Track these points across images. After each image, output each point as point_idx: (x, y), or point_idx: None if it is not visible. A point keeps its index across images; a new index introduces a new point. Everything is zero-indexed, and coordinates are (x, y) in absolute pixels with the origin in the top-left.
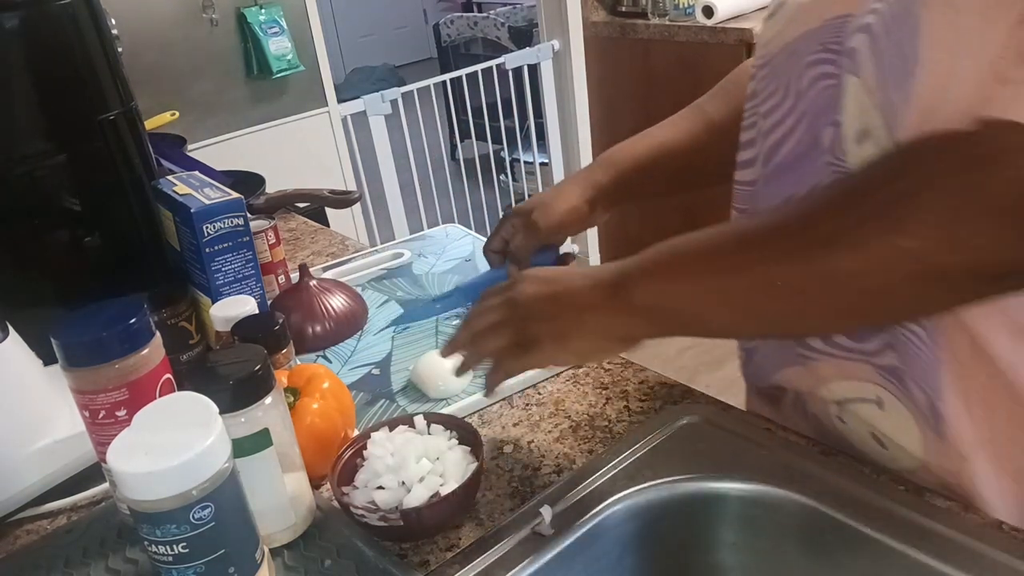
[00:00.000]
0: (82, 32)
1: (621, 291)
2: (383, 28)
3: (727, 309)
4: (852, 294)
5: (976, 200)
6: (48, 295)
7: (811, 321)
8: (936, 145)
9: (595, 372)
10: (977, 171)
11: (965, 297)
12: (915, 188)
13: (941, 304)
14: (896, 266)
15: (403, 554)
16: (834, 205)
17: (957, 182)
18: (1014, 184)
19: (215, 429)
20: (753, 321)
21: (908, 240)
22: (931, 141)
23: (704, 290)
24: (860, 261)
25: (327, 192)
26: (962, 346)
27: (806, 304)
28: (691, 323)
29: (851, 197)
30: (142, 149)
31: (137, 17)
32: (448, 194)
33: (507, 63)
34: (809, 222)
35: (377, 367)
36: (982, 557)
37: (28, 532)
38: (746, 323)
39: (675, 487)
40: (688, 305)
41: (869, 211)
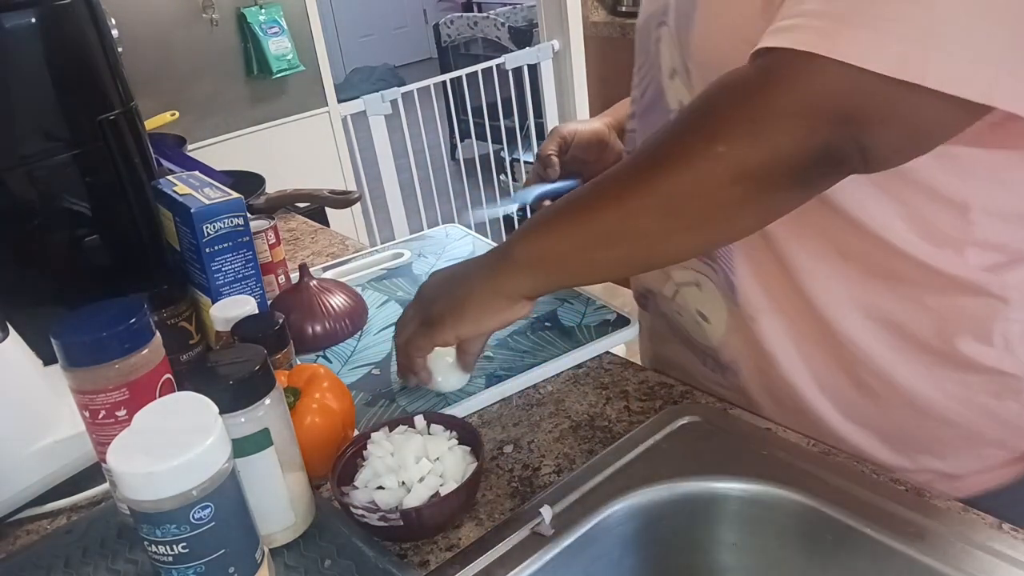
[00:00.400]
0: (82, 32)
1: (505, 253)
2: (383, 28)
3: (595, 252)
4: (690, 209)
5: (767, 107)
6: (48, 295)
7: (664, 247)
8: (730, 79)
9: (595, 372)
10: (765, 86)
11: (778, 197)
12: (721, 108)
13: (760, 207)
14: (716, 172)
15: (403, 554)
16: (661, 137)
17: (752, 97)
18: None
19: (215, 429)
20: (619, 259)
21: (720, 145)
22: (727, 77)
23: (572, 238)
24: (688, 174)
25: (327, 192)
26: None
27: (656, 231)
28: (568, 271)
29: (673, 127)
30: (142, 149)
31: (137, 17)
32: (448, 194)
33: (507, 63)
34: (643, 155)
35: (377, 367)
36: (982, 557)
37: (28, 532)
38: (614, 262)
39: (675, 487)
40: (562, 254)
41: (688, 132)
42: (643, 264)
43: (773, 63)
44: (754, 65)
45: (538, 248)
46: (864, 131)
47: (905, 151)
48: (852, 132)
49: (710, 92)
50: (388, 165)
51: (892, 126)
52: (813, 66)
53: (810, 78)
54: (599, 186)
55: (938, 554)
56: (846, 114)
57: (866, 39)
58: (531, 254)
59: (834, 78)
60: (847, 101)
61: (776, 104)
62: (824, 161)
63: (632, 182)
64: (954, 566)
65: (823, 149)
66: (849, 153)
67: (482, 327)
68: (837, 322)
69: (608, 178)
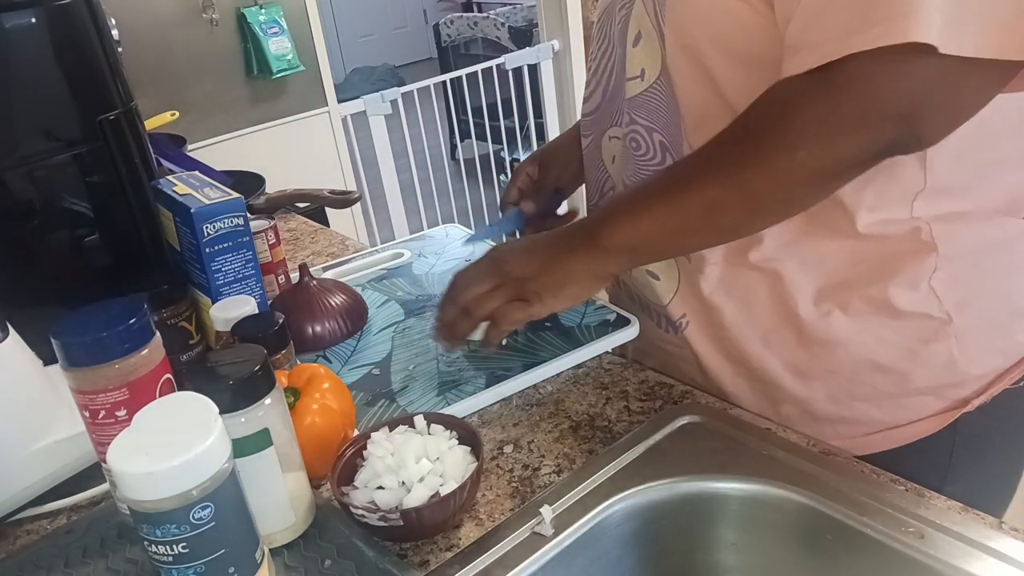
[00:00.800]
0: (82, 32)
1: (593, 238)
2: (383, 28)
3: (681, 239)
4: (770, 204)
5: (841, 120)
6: (48, 295)
7: (740, 232)
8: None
9: (595, 372)
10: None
11: (839, 185)
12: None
13: (824, 194)
14: (796, 174)
15: (403, 554)
16: (739, 136)
17: (827, 110)
18: (859, 100)
19: (215, 429)
20: (701, 243)
21: (800, 152)
22: (791, 85)
23: (660, 228)
24: (771, 176)
25: (327, 192)
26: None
27: (737, 222)
28: (656, 250)
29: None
30: (142, 149)
31: (137, 17)
32: (448, 194)
33: (507, 63)
34: (723, 152)
35: (377, 367)
36: (982, 557)
37: (28, 532)
38: (696, 246)
39: (675, 487)
40: (650, 236)
41: (767, 138)
42: (715, 244)
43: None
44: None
45: (627, 236)
46: (922, 123)
47: (951, 128)
48: (912, 126)
49: (780, 98)
50: (388, 165)
51: (945, 109)
52: (876, 69)
53: (872, 83)
54: (682, 179)
55: (938, 554)
56: (907, 112)
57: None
58: (621, 242)
59: (894, 79)
60: (907, 99)
61: (849, 113)
62: (885, 154)
63: (716, 179)
64: (954, 566)
65: (888, 146)
66: (907, 144)
67: (574, 302)
68: (779, 271)
69: (687, 172)
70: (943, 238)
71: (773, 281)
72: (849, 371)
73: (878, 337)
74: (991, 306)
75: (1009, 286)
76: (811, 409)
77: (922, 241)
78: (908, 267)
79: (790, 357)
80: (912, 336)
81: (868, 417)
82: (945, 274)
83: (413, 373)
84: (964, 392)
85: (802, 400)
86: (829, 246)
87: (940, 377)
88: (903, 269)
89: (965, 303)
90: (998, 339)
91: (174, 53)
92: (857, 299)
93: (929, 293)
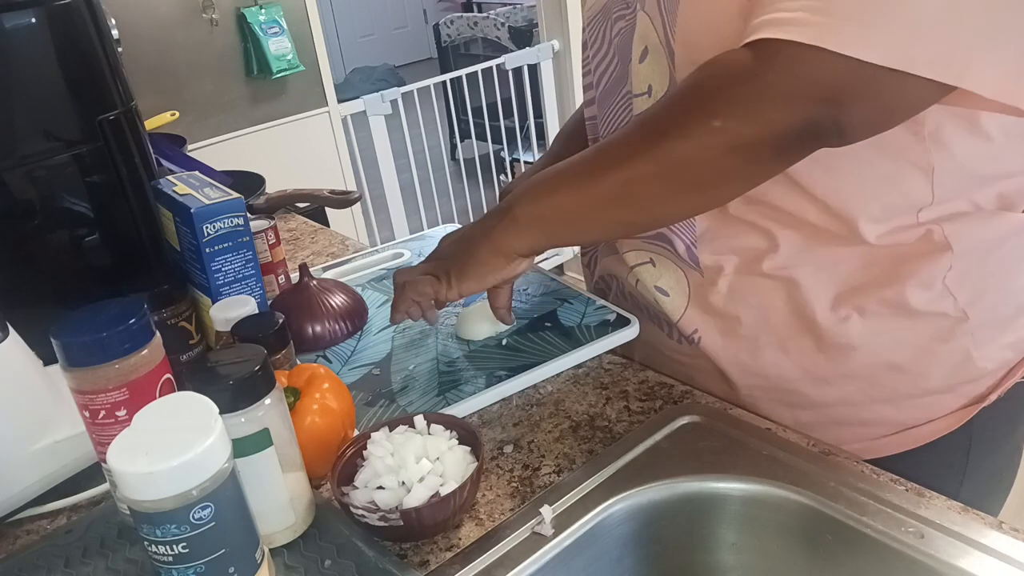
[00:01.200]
0: (82, 32)
1: (506, 211)
2: (383, 28)
3: (595, 213)
4: (686, 176)
5: (762, 90)
6: (48, 295)
7: (658, 210)
8: (727, 61)
9: (595, 372)
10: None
11: (760, 169)
12: (720, 88)
13: (745, 178)
14: (713, 143)
15: (403, 554)
16: (661, 108)
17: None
18: (786, 77)
19: (215, 429)
20: (618, 220)
21: (718, 120)
22: (721, 60)
23: (574, 199)
24: (688, 145)
25: (327, 192)
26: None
27: (654, 195)
28: (568, 230)
29: (673, 100)
30: (142, 149)
31: (137, 17)
32: (448, 194)
33: (507, 63)
34: (645, 125)
35: (377, 367)
36: (982, 556)
37: (28, 532)
38: (612, 223)
39: (675, 487)
40: (563, 214)
41: (688, 107)
42: (640, 225)
43: (770, 51)
44: (751, 50)
45: (539, 208)
46: (844, 110)
47: (875, 126)
48: (833, 111)
49: (707, 71)
50: (388, 165)
51: (869, 106)
52: (808, 55)
53: (803, 65)
54: (602, 152)
55: (938, 554)
56: (831, 96)
57: (858, 33)
58: (532, 213)
59: (825, 66)
60: (834, 85)
61: (771, 87)
62: (805, 136)
63: (633, 149)
64: (954, 566)
65: (806, 126)
66: (828, 129)
67: (484, 284)
68: (795, 279)
69: (610, 144)
70: (955, 236)
71: (790, 289)
72: (867, 374)
73: (895, 338)
74: (999, 301)
75: (1014, 280)
76: (829, 414)
77: (935, 242)
78: (923, 267)
79: (808, 363)
80: (928, 335)
81: (886, 418)
82: (958, 272)
83: (413, 373)
84: (979, 388)
85: (820, 405)
86: (843, 252)
87: (957, 375)
88: (918, 270)
89: (977, 299)
90: (1008, 333)
91: (174, 53)
92: (874, 302)
93: (944, 292)
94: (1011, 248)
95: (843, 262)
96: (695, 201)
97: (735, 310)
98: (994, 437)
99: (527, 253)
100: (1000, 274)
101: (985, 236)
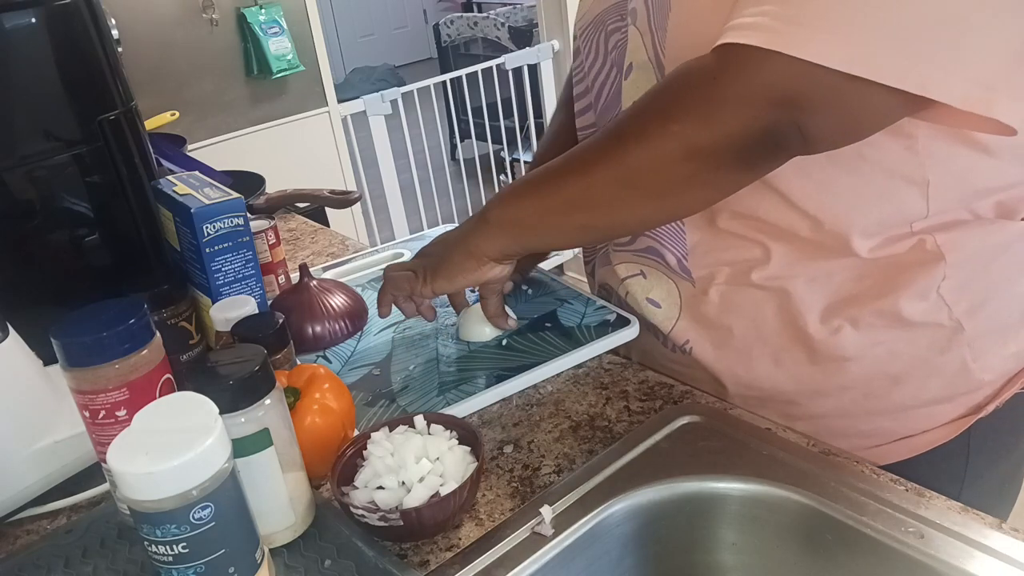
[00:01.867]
0: (82, 32)
1: (482, 215)
2: (383, 28)
3: (559, 218)
4: (645, 182)
5: (719, 93)
6: (48, 295)
7: (620, 216)
8: (689, 66)
9: (595, 372)
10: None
11: (723, 177)
12: (677, 92)
13: (707, 185)
14: (669, 148)
15: (403, 554)
16: (623, 116)
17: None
18: (743, 81)
19: (215, 429)
20: (581, 225)
21: (675, 124)
22: (685, 65)
23: (540, 204)
24: (644, 150)
25: (327, 192)
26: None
27: (614, 201)
28: (535, 234)
29: (634, 107)
30: (142, 149)
31: (137, 17)
32: (448, 194)
33: (507, 63)
34: (606, 132)
35: (377, 367)
36: (982, 557)
37: (28, 532)
38: (577, 228)
39: (675, 487)
40: (531, 218)
41: (646, 112)
42: (603, 231)
43: (729, 55)
44: (712, 55)
45: (509, 212)
46: (805, 116)
47: (842, 135)
48: (793, 116)
49: (669, 77)
50: (388, 165)
51: (832, 113)
52: (765, 59)
53: (760, 69)
54: (568, 158)
55: (938, 554)
56: (789, 100)
57: (818, 38)
58: (503, 217)
59: (782, 70)
60: (792, 90)
61: (727, 91)
62: (767, 142)
63: (595, 155)
64: (954, 566)
65: (766, 131)
66: (789, 136)
67: (455, 285)
68: (786, 289)
69: (576, 151)
70: (948, 246)
71: (781, 300)
72: (862, 385)
73: (890, 350)
74: (1001, 310)
75: (1016, 289)
76: (826, 425)
77: (927, 251)
78: (917, 278)
79: (802, 375)
80: (924, 346)
81: (883, 429)
82: (953, 282)
83: (413, 373)
84: (978, 398)
85: (816, 417)
86: (835, 264)
87: (955, 385)
88: (912, 281)
89: (975, 309)
90: (1010, 343)
91: (174, 53)
92: (867, 313)
93: (938, 301)
94: (1011, 257)
95: (836, 273)
96: (654, 209)
97: (727, 321)
98: (995, 446)
99: (497, 257)
100: (1001, 283)
101: (984, 245)
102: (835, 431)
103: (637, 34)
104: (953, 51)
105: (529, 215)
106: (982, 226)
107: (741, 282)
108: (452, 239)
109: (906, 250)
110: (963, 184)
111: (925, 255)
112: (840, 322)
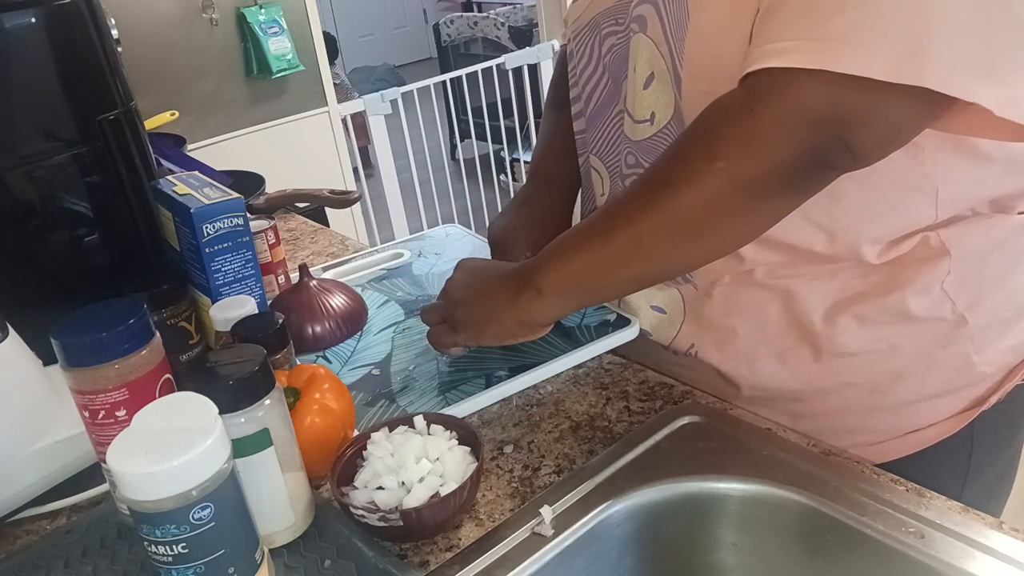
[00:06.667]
0: (82, 32)
1: (528, 282)
2: (383, 28)
3: (611, 273)
4: (695, 223)
5: (758, 123)
6: (48, 295)
7: (673, 260)
8: (722, 103)
9: (595, 372)
10: (755, 104)
11: (773, 205)
12: (717, 128)
13: (759, 215)
14: (717, 186)
15: (403, 554)
16: (663, 159)
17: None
18: (779, 106)
19: (215, 429)
20: (634, 276)
21: (720, 161)
22: (717, 102)
23: (590, 263)
24: (692, 191)
25: (327, 192)
26: None
27: (666, 247)
28: (588, 293)
29: (674, 149)
30: (142, 149)
31: (137, 17)
32: (448, 194)
33: (507, 63)
34: (648, 178)
35: (377, 367)
36: (982, 557)
37: (28, 532)
38: (630, 279)
39: (675, 487)
40: (583, 278)
41: (688, 153)
42: (656, 277)
43: (763, 82)
44: (743, 86)
45: (559, 276)
46: (851, 131)
47: (887, 146)
48: (838, 133)
49: (705, 115)
50: (388, 165)
51: (877, 124)
52: (805, 81)
53: (799, 91)
54: (609, 211)
55: (938, 554)
56: (833, 119)
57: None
58: (553, 282)
59: (823, 89)
60: (835, 107)
61: (766, 120)
62: (813, 164)
63: (639, 203)
64: (954, 566)
65: (811, 154)
66: (836, 154)
67: (500, 343)
68: (791, 288)
69: (615, 203)
70: (952, 241)
71: (785, 299)
72: (867, 381)
73: (893, 346)
74: (999, 303)
75: (1013, 282)
76: (830, 422)
77: (932, 248)
78: (922, 274)
79: (807, 373)
80: (927, 341)
81: (887, 424)
82: (956, 276)
83: (413, 373)
84: (980, 391)
85: (821, 414)
86: (840, 265)
87: (958, 379)
88: (918, 276)
89: (976, 303)
90: (1008, 336)
91: (174, 53)
92: (873, 310)
93: (942, 296)
94: (1009, 250)
95: (840, 272)
96: (706, 247)
97: (731, 322)
98: (996, 440)
99: (552, 322)
100: (999, 277)
101: (982, 239)
102: (840, 428)
103: (650, 44)
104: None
105: (580, 276)
106: (981, 221)
107: (744, 281)
108: (496, 300)
109: (911, 248)
110: (969, 190)
111: (930, 251)
112: (846, 319)
